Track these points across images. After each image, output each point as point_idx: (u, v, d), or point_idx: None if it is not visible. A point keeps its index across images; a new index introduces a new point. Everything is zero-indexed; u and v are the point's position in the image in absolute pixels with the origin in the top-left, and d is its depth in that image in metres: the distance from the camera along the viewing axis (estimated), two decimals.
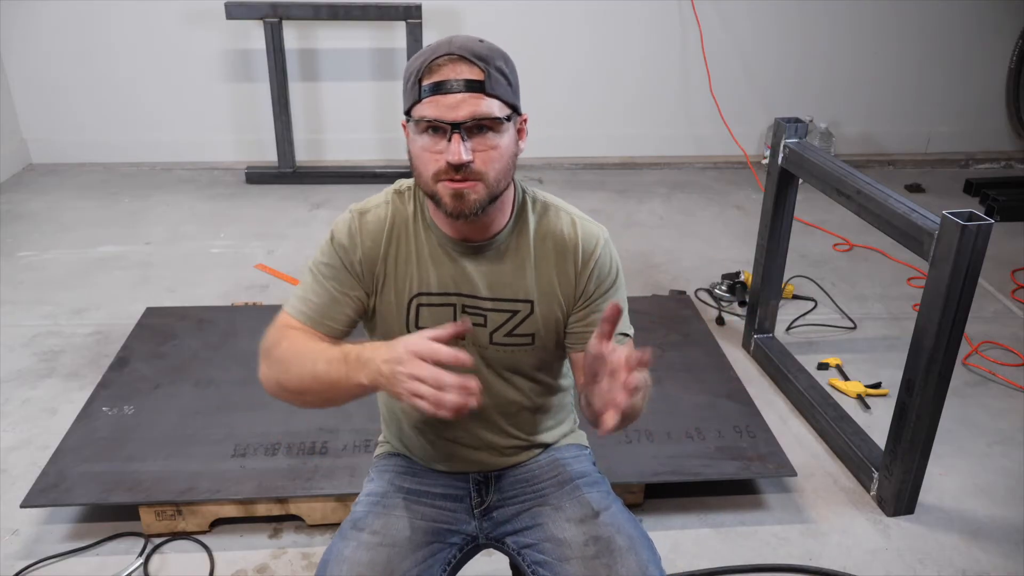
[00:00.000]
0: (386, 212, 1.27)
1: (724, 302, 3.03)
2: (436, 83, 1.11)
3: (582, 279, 1.27)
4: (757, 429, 2.15)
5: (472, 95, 1.11)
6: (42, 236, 3.44)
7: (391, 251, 1.26)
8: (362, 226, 1.26)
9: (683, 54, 4.28)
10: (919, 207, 1.92)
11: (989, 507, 2.09)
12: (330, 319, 1.25)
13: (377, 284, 1.27)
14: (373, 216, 1.26)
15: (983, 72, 4.48)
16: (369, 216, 1.26)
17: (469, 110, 1.11)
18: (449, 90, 1.11)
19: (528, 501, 1.34)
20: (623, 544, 1.23)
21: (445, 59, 1.12)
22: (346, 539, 1.26)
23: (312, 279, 1.27)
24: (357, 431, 2.08)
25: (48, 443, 2.16)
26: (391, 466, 1.40)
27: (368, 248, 1.25)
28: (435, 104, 1.11)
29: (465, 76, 1.11)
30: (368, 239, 1.25)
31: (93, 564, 1.85)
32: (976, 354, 2.73)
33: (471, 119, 1.11)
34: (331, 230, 1.28)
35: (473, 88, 1.11)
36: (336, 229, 1.27)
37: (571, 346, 1.30)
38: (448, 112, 1.10)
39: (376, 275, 1.26)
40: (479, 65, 1.12)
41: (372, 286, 1.27)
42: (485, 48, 1.14)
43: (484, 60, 1.12)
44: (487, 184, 1.14)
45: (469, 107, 1.11)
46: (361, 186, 4.01)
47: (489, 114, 1.12)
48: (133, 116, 4.16)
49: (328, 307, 1.25)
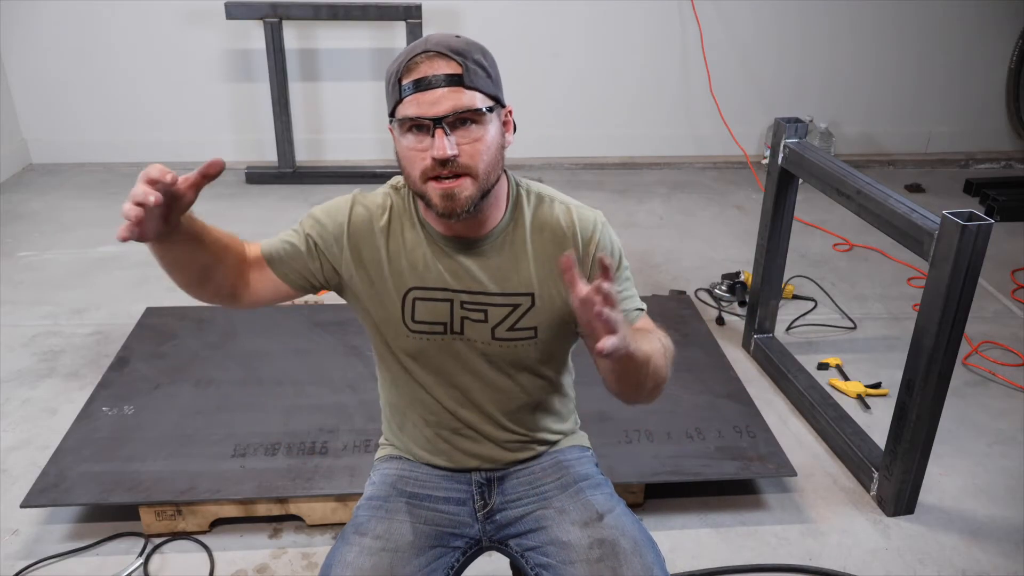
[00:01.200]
0: (386, 203, 1.29)
1: (724, 302, 3.03)
2: (415, 81, 1.12)
3: (585, 265, 1.27)
4: (757, 429, 2.15)
5: (452, 89, 1.12)
6: (42, 236, 3.44)
7: (385, 240, 1.27)
8: (357, 209, 1.28)
9: (683, 54, 4.28)
10: (919, 207, 1.92)
11: (989, 507, 2.09)
12: (288, 267, 1.29)
13: (366, 267, 1.27)
14: (372, 202, 1.29)
15: (983, 72, 4.48)
16: (368, 201, 1.29)
17: (450, 104, 1.11)
18: (428, 86, 1.11)
19: (531, 504, 1.34)
20: (628, 547, 1.23)
21: (422, 57, 1.13)
22: (348, 544, 1.25)
23: (296, 227, 1.31)
24: (357, 431, 2.08)
25: (48, 443, 2.16)
26: (393, 469, 1.39)
27: (357, 228, 1.27)
28: (416, 102, 1.12)
29: (443, 71, 1.12)
30: (360, 221, 1.27)
31: (93, 564, 1.85)
32: (976, 354, 2.73)
33: (452, 112, 1.11)
34: (327, 203, 1.30)
35: (452, 82, 1.12)
36: (330, 206, 1.30)
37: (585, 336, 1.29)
38: (429, 108, 1.11)
39: (364, 258, 1.27)
40: (456, 59, 1.13)
41: (356, 266, 1.27)
42: (462, 43, 1.15)
43: (461, 54, 1.13)
44: (476, 178, 1.15)
45: (450, 101, 1.11)
46: (361, 186, 3.98)
47: (471, 106, 1.12)
48: (133, 116, 4.16)
49: (288, 253, 1.29)
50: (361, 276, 1.28)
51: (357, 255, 1.27)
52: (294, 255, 1.29)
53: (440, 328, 1.26)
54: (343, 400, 2.21)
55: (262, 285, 1.30)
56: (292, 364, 2.34)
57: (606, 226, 1.30)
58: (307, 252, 1.28)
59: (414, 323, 1.26)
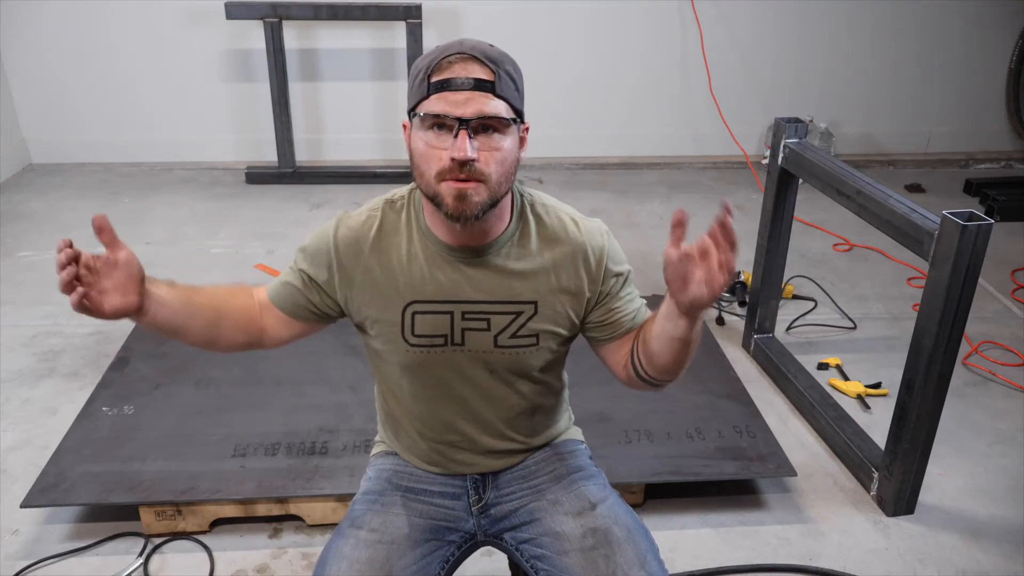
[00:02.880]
0: (372, 220, 1.27)
1: (724, 302, 3.03)
2: (445, 79, 1.11)
3: (598, 278, 1.28)
4: (757, 429, 2.15)
5: (481, 94, 1.11)
6: (42, 236, 3.44)
7: (376, 259, 1.25)
8: (341, 232, 1.26)
9: (683, 54, 4.28)
10: (919, 207, 1.92)
11: (989, 507, 2.09)
12: (292, 304, 1.30)
13: (358, 289, 1.27)
14: (355, 222, 1.27)
15: (983, 72, 4.48)
16: (352, 223, 1.27)
17: (477, 107, 1.11)
18: (459, 87, 1.11)
19: (526, 497, 1.34)
20: (621, 535, 1.24)
21: (456, 57, 1.12)
22: (344, 537, 1.26)
23: (291, 264, 1.32)
24: (357, 431, 2.09)
25: (48, 443, 2.16)
26: (389, 465, 1.40)
27: (343, 253, 1.26)
28: (443, 100, 1.11)
29: (476, 75, 1.11)
30: (345, 244, 1.26)
31: (93, 564, 1.85)
32: (976, 354, 2.73)
33: (478, 116, 1.11)
34: (314, 232, 1.30)
35: (483, 87, 1.11)
36: (315, 234, 1.30)
37: (601, 339, 1.31)
38: (456, 108, 1.11)
39: (355, 280, 1.26)
40: (490, 66, 1.12)
41: (348, 290, 1.27)
42: (496, 52, 1.15)
43: (495, 62, 1.13)
44: (489, 186, 1.14)
45: (477, 105, 1.11)
46: (361, 186, 4.01)
47: (496, 114, 1.12)
48: (133, 116, 4.16)
49: (288, 294, 1.30)
50: (355, 298, 1.27)
51: (347, 279, 1.26)
52: (296, 294, 1.29)
53: (440, 340, 1.26)
54: (343, 400, 2.21)
55: (279, 327, 1.32)
56: (292, 364, 2.34)
57: (610, 234, 1.32)
58: (305, 288, 1.29)
59: (414, 337, 1.25)
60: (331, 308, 1.30)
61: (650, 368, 1.23)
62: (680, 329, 1.13)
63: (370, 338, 1.30)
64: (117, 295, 1.12)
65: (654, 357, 1.21)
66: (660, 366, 1.21)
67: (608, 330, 1.30)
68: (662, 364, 1.21)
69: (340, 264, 1.26)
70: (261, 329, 1.31)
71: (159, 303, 1.18)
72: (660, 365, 1.21)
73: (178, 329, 1.22)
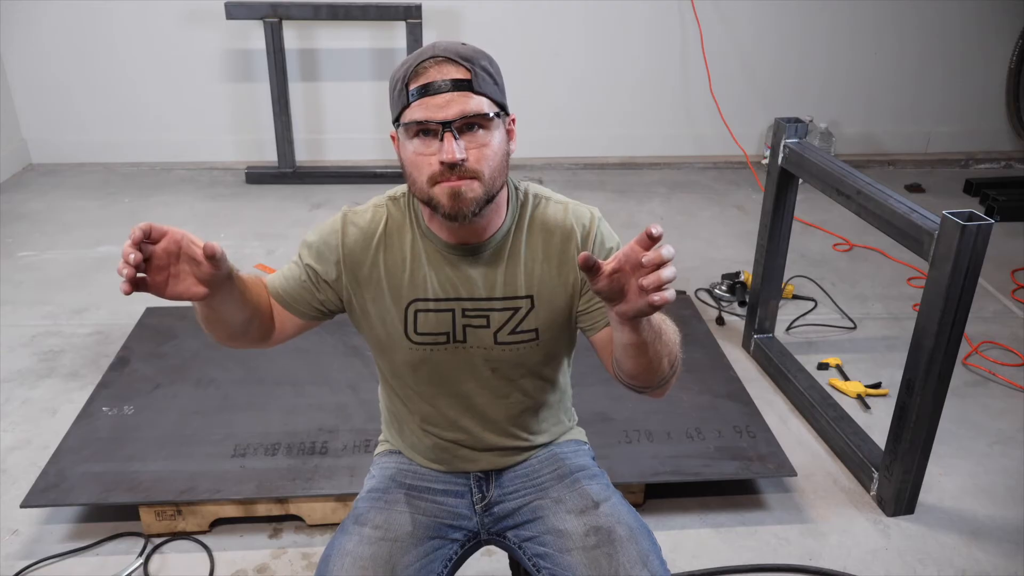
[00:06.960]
0: (379, 216, 1.27)
1: (724, 302, 3.03)
2: (423, 85, 1.11)
3: None
4: (757, 429, 2.15)
5: (460, 94, 1.11)
6: (42, 236, 3.44)
7: (381, 256, 1.25)
8: (349, 229, 1.26)
9: (683, 54, 4.28)
10: (919, 207, 1.92)
11: (989, 507, 2.09)
12: (296, 302, 1.28)
13: (364, 287, 1.27)
14: (363, 219, 1.27)
15: (983, 72, 4.48)
16: (358, 219, 1.27)
17: (458, 108, 1.11)
18: (437, 90, 1.11)
19: (528, 495, 1.35)
20: (623, 534, 1.24)
21: (431, 62, 1.12)
22: (348, 534, 1.26)
23: (296, 259, 1.30)
24: (357, 431, 2.09)
25: (48, 443, 2.16)
26: (392, 463, 1.40)
27: (351, 250, 1.25)
28: (424, 106, 1.11)
29: (452, 76, 1.11)
30: (353, 241, 1.25)
31: (93, 564, 1.85)
32: (976, 354, 2.73)
33: (461, 116, 1.11)
34: (319, 226, 1.29)
35: (461, 87, 1.11)
36: (321, 229, 1.28)
37: (588, 328, 1.29)
38: (438, 112, 1.11)
39: (361, 278, 1.26)
40: (465, 65, 1.12)
41: (354, 288, 1.27)
42: (469, 49, 1.15)
43: (469, 60, 1.13)
44: (483, 181, 1.14)
45: (458, 105, 1.11)
46: (361, 186, 4.01)
47: (479, 111, 1.12)
48: (133, 116, 4.16)
49: (296, 291, 1.28)
50: (361, 296, 1.27)
51: (354, 277, 1.26)
52: (300, 290, 1.28)
53: (443, 338, 1.26)
54: (343, 400, 2.21)
55: (285, 326, 1.30)
56: (292, 364, 2.34)
57: (602, 220, 1.30)
58: (315, 286, 1.28)
59: (416, 335, 1.26)
60: (335, 305, 1.30)
61: (622, 373, 1.20)
62: (626, 335, 1.09)
63: (372, 336, 1.30)
64: (190, 281, 1.05)
65: (619, 363, 1.19)
66: (628, 371, 1.18)
67: (592, 318, 1.27)
68: (628, 370, 1.18)
69: (348, 262, 1.26)
70: (273, 327, 1.30)
71: (225, 297, 1.12)
72: (627, 370, 1.18)
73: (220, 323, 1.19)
